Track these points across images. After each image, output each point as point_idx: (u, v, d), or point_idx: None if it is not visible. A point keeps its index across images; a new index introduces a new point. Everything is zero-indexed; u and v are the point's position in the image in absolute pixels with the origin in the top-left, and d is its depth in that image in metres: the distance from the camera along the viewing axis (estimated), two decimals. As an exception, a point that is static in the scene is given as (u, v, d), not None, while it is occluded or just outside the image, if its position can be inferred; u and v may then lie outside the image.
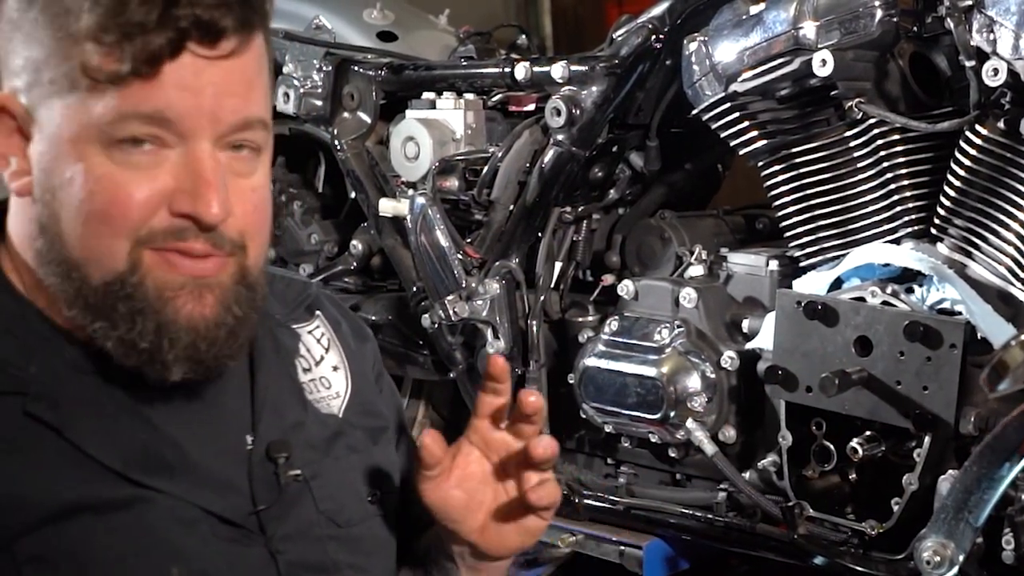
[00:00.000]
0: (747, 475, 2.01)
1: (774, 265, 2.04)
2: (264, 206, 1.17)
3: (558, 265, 2.29)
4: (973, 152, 1.76)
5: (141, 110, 1.07)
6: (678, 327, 2.03)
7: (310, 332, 1.35)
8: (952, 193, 1.80)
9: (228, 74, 1.10)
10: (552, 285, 2.29)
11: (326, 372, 1.34)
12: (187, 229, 1.10)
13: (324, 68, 2.49)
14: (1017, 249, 1.76)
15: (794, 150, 1.94)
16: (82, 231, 1.10)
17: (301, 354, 1.32)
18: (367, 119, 2.49)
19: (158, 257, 1.10)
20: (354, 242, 2.60)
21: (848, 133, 1.89)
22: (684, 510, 2.09)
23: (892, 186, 1.87)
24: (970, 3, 1.70)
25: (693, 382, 2.01)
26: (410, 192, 2.32)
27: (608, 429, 2.14)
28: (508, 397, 1.23)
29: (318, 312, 1.37)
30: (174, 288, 1.11)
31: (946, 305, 1.78)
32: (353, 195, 2.56)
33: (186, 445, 1.16)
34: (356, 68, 2.49)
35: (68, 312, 1.13)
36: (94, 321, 1.11)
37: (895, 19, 1.83)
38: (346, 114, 2.50)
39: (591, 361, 2.11)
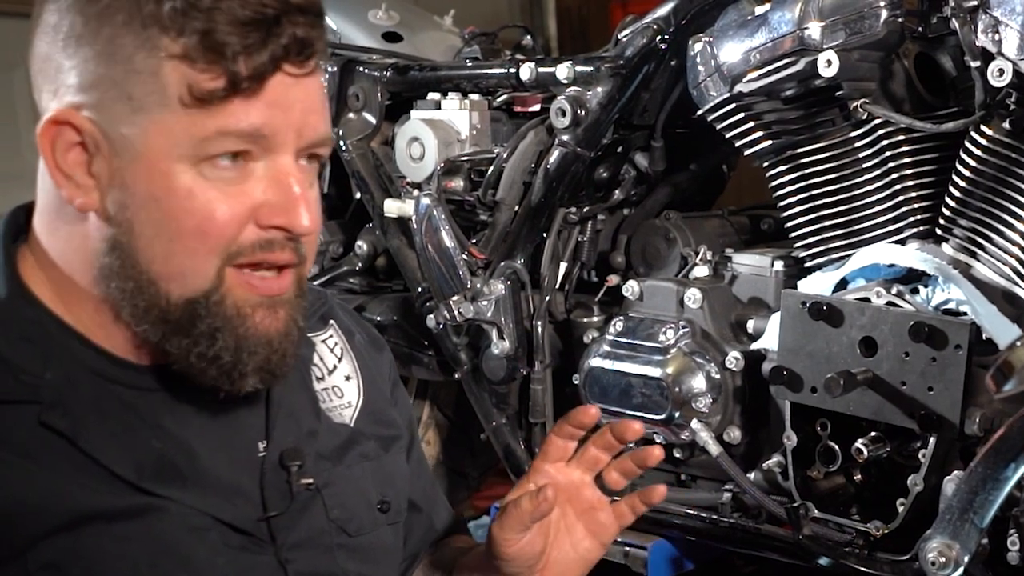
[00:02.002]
0: (752, 476, 2.01)
1: (779, 265, 2.04)
2: (321, 216, 1.20)
3: (563, 265, 2.29)
4: (978, 152, 1.76)
5: (241, 128, 1.08)
6: (683, 328, 2.03)
7: (323, 341, 1.37)
8: (957, 193, 1.80)
9: (311, 92, 1.13)
10: (557, 286, 2.29)
11: (339, 381, 1.36)
12: (275, 241, 1.13)
13: (329, 69, 2.49)
14: (1022, 249, 1.75)
15: (799, 150, 1.94)
16: (169, 248, 1.10)
17: (315, 363, 1.34)
18: (372, 120, 2.49)
19: (239, 277, 1.13)
20: (359, 243, 2.60)
21: (853, 133, 1.89)
22: (689, 511, 2.09)
23: (897, 186, 1.87)
24: (975, 3, 1.70)
25: (698, 383, 2.01)
26: (415, 193, 2.33)
27: (613, 429, 2.14)
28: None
29: (332, 322, 1.39)
30: (252, 305, 1.14)
31: (951, 305, 1.78)
32: (358, 196, 2.56)
33: (199, 452, 1.17)
34: (361, 69, 2.50)
35: (138, 328, 1.14)
36: (170, 338, 1.13)
37: (900, 19, 1.83)
38: (351, 115, 2.50)
39: (596, 361, 2.11)
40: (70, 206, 1.12)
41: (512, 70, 2.28)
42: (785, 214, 1.98)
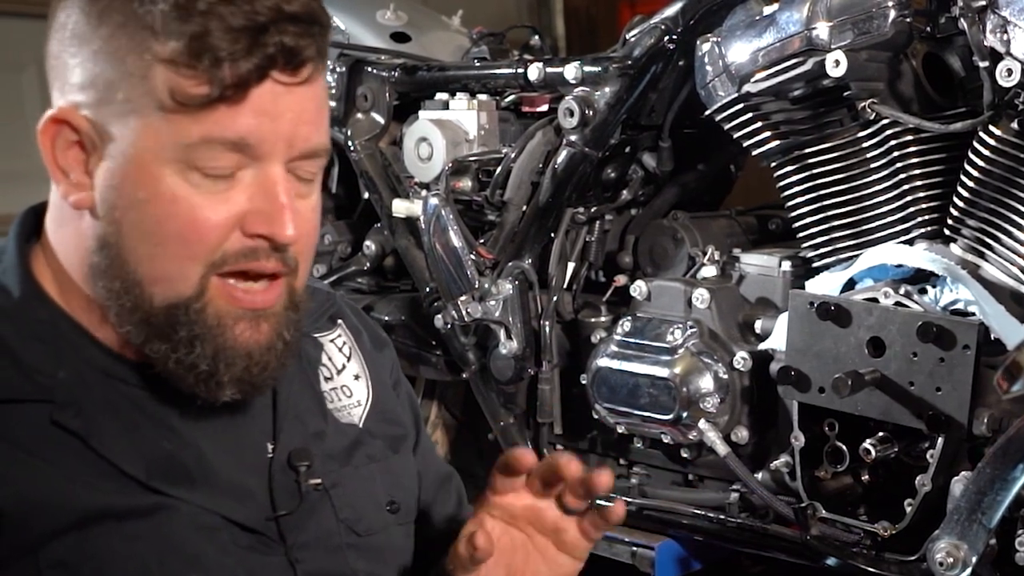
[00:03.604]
0: (759, 476, 2.01)
1: (787, 266, 2.04)
2: (317, 228, 1.20)
3: (571, 266, 2.30)
4: (986, 153, 1.76)
5: (226, 136, 1.08)
6: (691, 328, 2.03)
7: (332, 341, 1.36)
8: (965, 194, 1.80)
9: (304, 101, 1.12)
10: (565, 286, 2.29)
11: (347, 381, 1.36)
12: (259, 250, 1.12)
13: (338, 69, 2.50)
14: (1030, 250, 1.75)
15: (807, 151, 1.94)
16: (153, 252, 1.11)
17: (323, 363, 1.34)
18: (380, 120, 2.50)
19: (223, 287, 1.13)
20: (367, 242, 2.60)
21: (861, 134, 1.88)
22: (696, 511, 2.09)
23: (905, 187, 1.87)
24: (984, 3, 1.70)
25: (706, 383, 2.01)
26: (423, 193, 2.33)
27: (621, 430, 2.14)
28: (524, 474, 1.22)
29: (340, 321, 1.38)
30: (234, 317, 1.13)
31: (959, 306, 1.78)
32: (367, 196, 2.57)
33: (208, 453, 1.18)
34: (370, 69, 2.50)
35: (121, 328, 1.14)
36: (151, 341, 1.13)
37: (908, 19, 1.83)
38: (360, 115, 2.50)
39: (604, 362, 2.11)
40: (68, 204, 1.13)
41: (520, 70, 2.29)
42: (793, 214, 1.98)
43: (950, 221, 1.83)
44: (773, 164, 1.99)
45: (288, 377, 1.25)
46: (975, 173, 1.77)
